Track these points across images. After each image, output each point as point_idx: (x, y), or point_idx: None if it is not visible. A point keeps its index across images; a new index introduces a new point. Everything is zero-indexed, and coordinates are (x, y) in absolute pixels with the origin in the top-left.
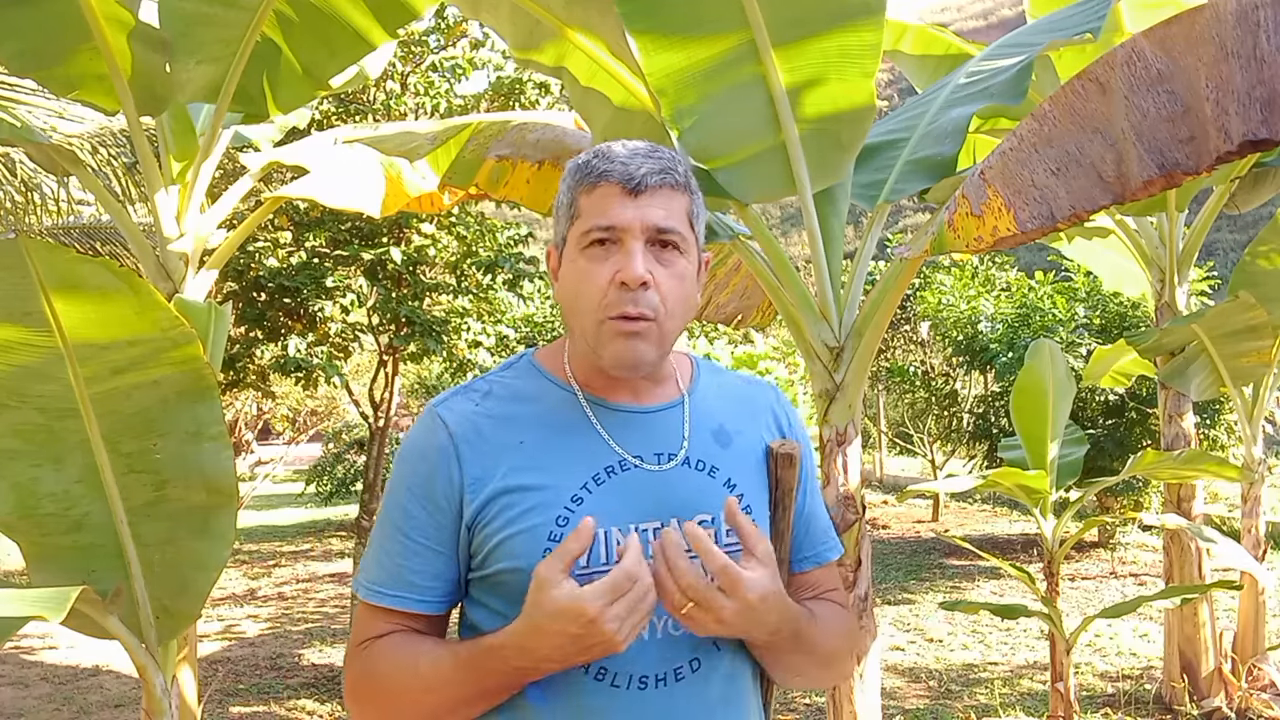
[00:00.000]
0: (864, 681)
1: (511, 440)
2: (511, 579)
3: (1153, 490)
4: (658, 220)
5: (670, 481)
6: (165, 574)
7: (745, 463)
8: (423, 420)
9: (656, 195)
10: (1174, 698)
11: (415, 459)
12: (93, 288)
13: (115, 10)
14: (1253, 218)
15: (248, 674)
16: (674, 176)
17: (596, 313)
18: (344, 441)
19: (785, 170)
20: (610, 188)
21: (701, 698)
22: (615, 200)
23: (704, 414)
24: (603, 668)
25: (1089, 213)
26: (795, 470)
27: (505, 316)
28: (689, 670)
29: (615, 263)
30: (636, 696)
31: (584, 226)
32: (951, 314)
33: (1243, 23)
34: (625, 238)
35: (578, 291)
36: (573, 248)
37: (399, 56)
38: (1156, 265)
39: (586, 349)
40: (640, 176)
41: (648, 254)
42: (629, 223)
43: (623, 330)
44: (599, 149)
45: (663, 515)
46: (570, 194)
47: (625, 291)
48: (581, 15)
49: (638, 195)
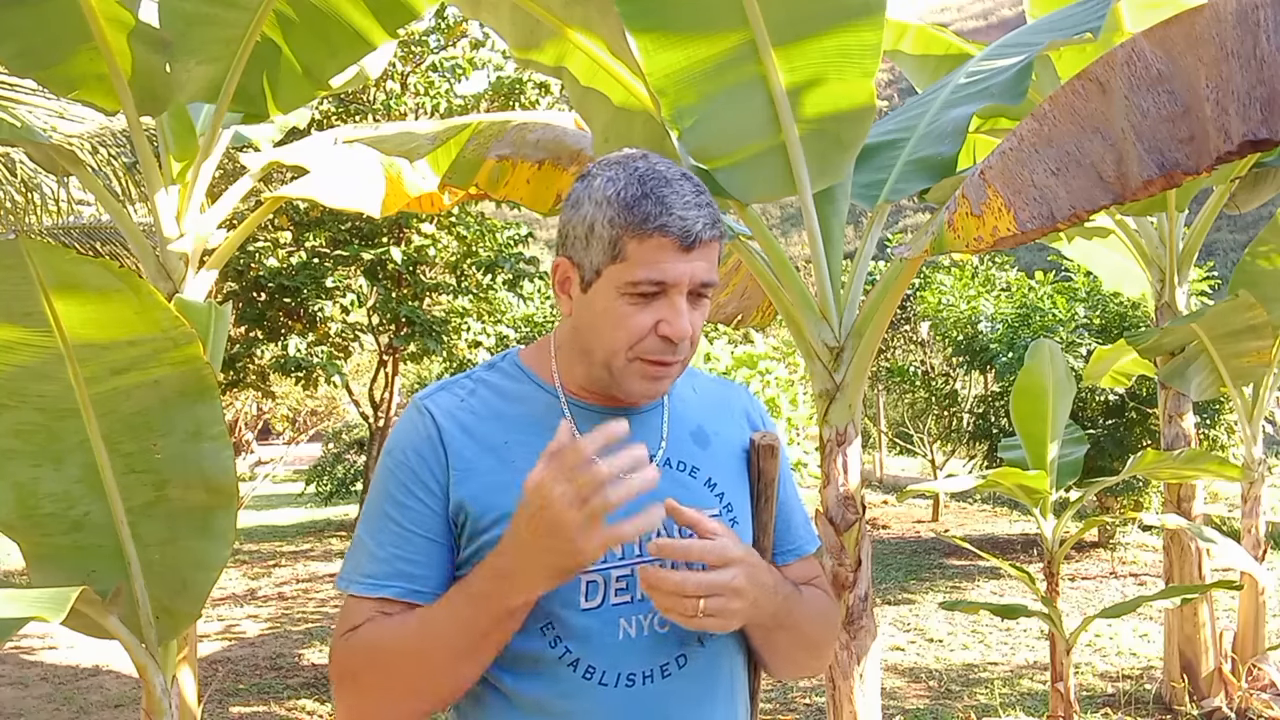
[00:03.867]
0: (864, 681)
1: (496, 439)
2: None
3: (1153, 490)
4: (704, 276)
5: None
6: (165, 574)
7: (725, 462)
8: (407, 413)
9: (706, 250)
10: (1174, 698)
11: (403, 450)
12: (93, 288)
13: (115, 10)
14: (1253, 218)
15: (248, 674)
16: (720, 228)
17: (628, 352)
18: (344, 441)
19: (785, 170)
20: (665, 241)
21: (689, 694)
22: (669, 255)
23: (682, 415)
24: (590, 666)
25: (1089, 213)
26: (777, 461)
27: (505, 316)
28: (675, 667)
29: (657, 311)
30: (624, 694)
31: (632, 275)
32: (951, 314)
33: (1243, 23)
34: (673, 292)
35: (612, 330)
36: (610, 286)
37: (399, 56)
38: (1156, 265)
39: (596, 370)
40: (696, 233)
41: (688, 304)
42: (679, 278)
43: (652, 374)
44: (650, 187)
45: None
46: (614, 230)
47: (667, 343)
48: (581, 15)
49: (690, 250)
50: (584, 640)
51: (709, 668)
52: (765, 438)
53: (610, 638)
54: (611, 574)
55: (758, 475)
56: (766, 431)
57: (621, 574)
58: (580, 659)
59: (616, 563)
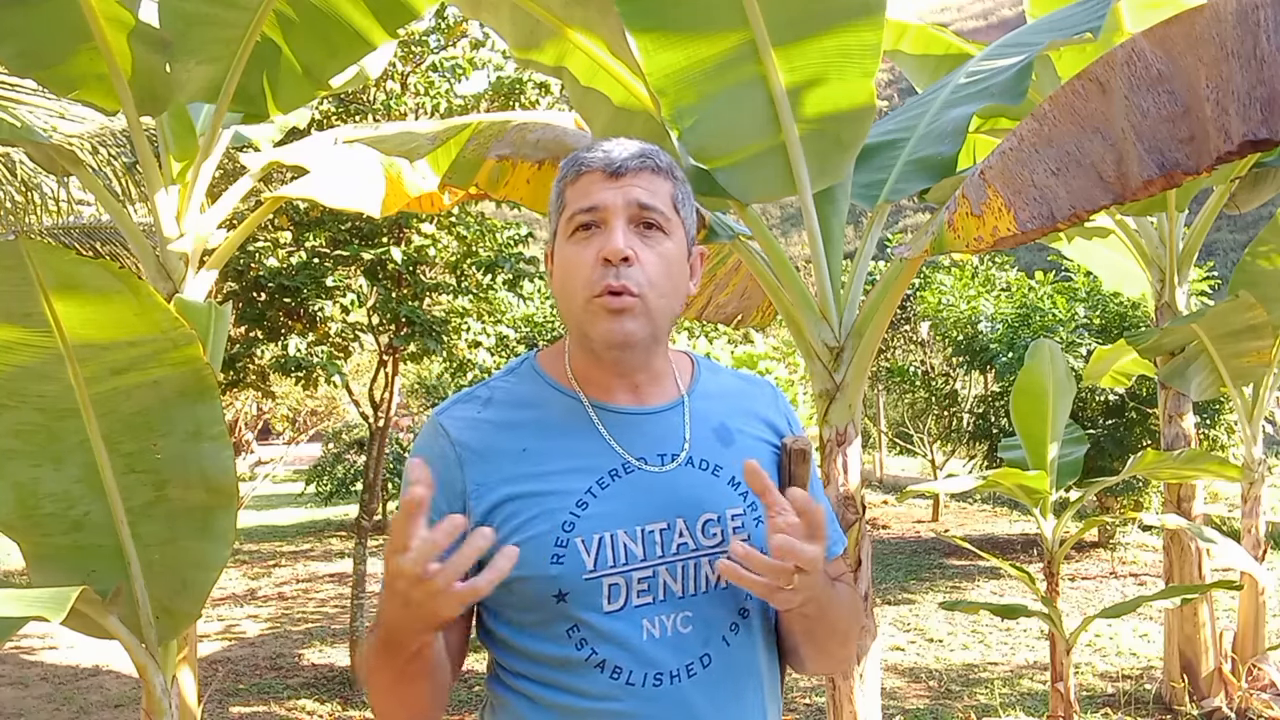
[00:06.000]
0: (864, 681)
1: (514, 447)
2: (519, 586)
3: (1153, 490)
4: (639, 198)
5: (674, 482)
6: (165, 574)
7: (749, 460)
8: (425, 429)
9: (638, 177)
10: (1174, 698)
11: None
12: (93, 288)
13: (115, 10)
14: (1253, 218)
15: (248, 674)
16: (654, 160)
17: (583, 293)
18: (344, 441)
19: (785, 170)
20: (592, 174)
21: (716, 692)
22: (597, 184)
23: (705, 413)
24: (617, 666)
25: (1089, 213)
26: (809, 465)
27: (505, 316)
28: (700, 666)
29: (599, 243)
30: (651, 692)
31: (568, 213)
32: (951, 314)
33: (1243, 23)
34: (608, 217)
35: (566, 276)
36: (561, 239)
37: (399, 56)
38: (1156, 265)
39: (582, 341)
40: (620, 160)
41: (631, 233)
42: (610, 201)
43: (609, 306)
44: (589, 145)
45: (668, 515)
46: (558, 188)
47: (608, 267)
48: (581, 15)
49: (619, 177)
50: (609, 642)
51: (735, 666)
52: (797, 442)
53: (635, 638)
54: (633, 576)
55: (789, 479)
56: (798, 436)
57: (643, 575)
58: (607, 660)
59: (638, 564)
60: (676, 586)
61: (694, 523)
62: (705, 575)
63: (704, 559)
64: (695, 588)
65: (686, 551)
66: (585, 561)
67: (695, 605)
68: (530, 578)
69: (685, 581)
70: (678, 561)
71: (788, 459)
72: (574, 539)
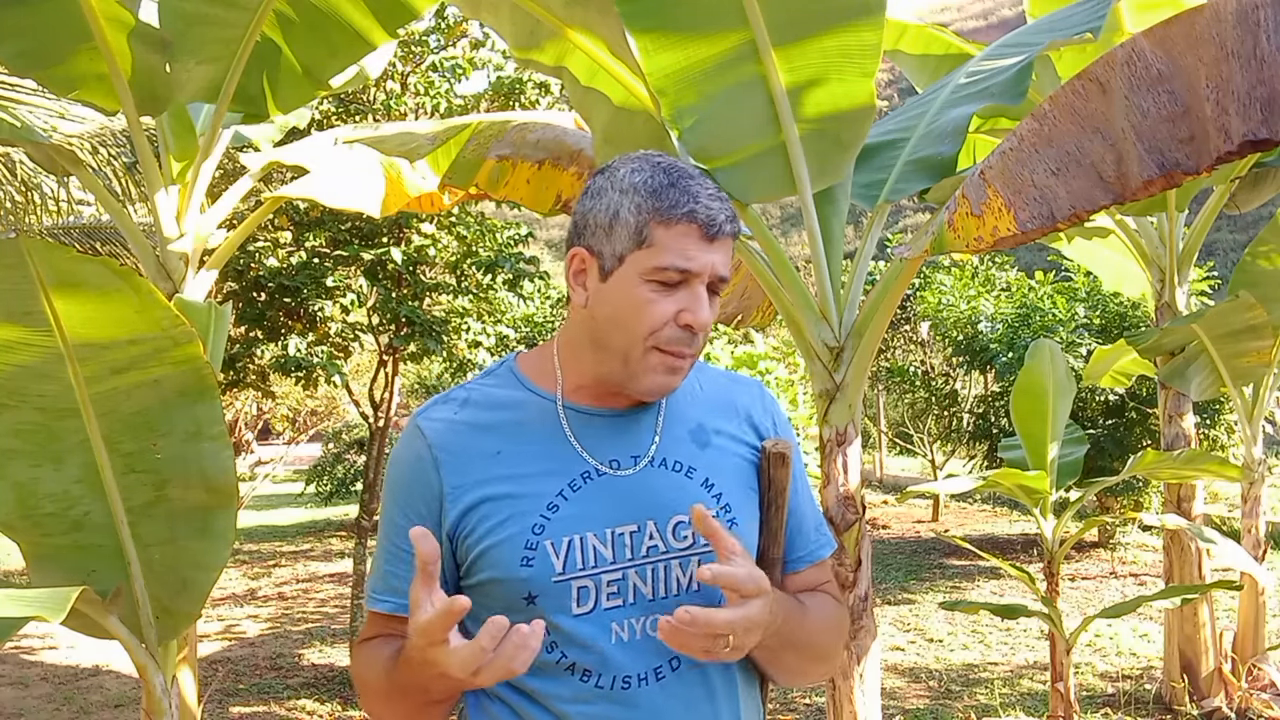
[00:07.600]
0: (864, 681)
1: (489, 449)
2: (494, 589)
3: (1153, 490)
4: (722, 270)
5: (643, 483)
6: (165, 574)
7: (725, 462)
8: (405, 431)
9: (725, 244)
10: (1174, 698)
11: (398, 469)
12: (93, 287)
13: (115, 10)
14: (1253, 218)
15: (248, 674)
16: (737, 226)
17: (647, 340)
18: (344, 441)
19: (785, 170)
20: (691, 228)
21: (686, 695)
22: (694, 243)
23: (681, 413)
24: (586, 669)
25: (1089, 213)
26: (788, 469)
27: (505, 316)
28: (669, 669)
29: (679, 301)
30: (620, 695)
31: (658, 261)
32: (951, 314)
33: (1243, 23)
34: (695, 281)
35: (632, 317)
36: (633, 273)
37: (399, 56)
38: (1156, 265)
39: (611, 363)
40: (720, 223)
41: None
42: (703, 269)
43: (670, 365)
44: (675, 178)
45: (638, 518)
46: (641, 216)
47: (687, 333)
48: (581, 15)
49: (713, 241)
50: (578, 645)
51: (706, 670)
52: (776, 445)
53: (603, 641)
54: (603, 578)
55: (768, 484)
56: (779, 439)
57: (612, 578)
58: (576, 663)
59: (608, 567)
60: (646, 589)
61: (664, 525)
62: (676, 578)
63: (674, 561)
64: (665, 590)
65: (657, 554)
66: (554, 564)
67: (665, 608)
68: (501, 580)
69: (655, 584)
70: (648, 564)
71: (767, 463)
72: (543, 541)
